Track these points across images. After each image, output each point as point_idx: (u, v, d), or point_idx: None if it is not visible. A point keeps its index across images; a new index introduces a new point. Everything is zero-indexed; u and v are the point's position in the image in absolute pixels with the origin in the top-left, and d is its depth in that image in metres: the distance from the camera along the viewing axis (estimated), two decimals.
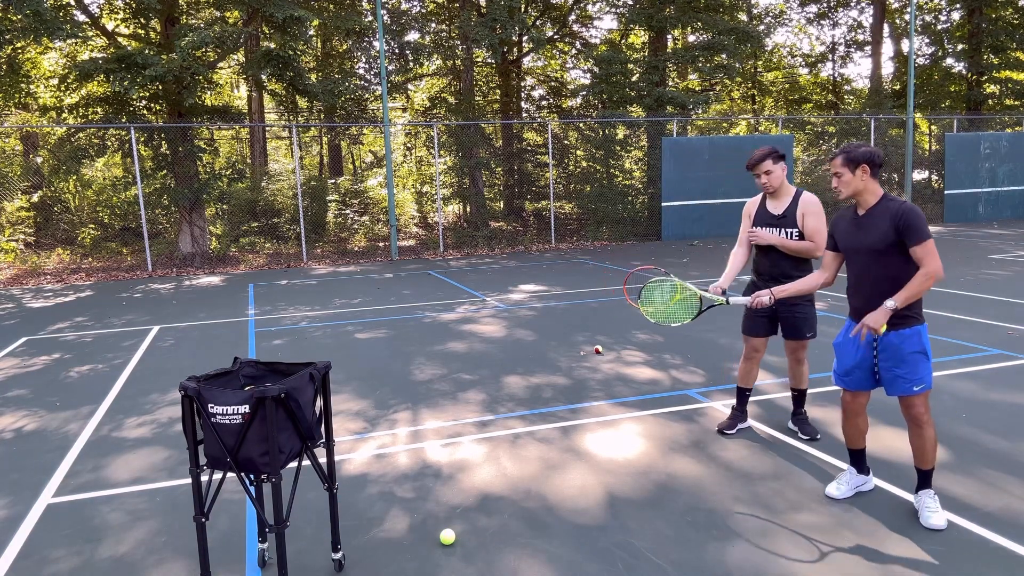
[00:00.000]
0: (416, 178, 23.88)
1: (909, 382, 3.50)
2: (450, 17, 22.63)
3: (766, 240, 4.50)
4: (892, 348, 3.52)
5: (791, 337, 4.60)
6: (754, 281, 4.67)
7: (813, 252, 4.43)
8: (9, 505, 4.09)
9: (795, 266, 4.49)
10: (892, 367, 3.52)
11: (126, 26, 17.17)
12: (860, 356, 3.62)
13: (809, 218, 4.44)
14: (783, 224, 4.49)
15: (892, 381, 3.54)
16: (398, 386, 6.14)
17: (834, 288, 10.07)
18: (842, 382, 3.74)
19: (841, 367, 3.73)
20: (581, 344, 7.41)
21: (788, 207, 4.49)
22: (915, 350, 3.49)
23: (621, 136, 20.24)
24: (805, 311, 4.54)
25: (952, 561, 3.19)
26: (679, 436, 4.79)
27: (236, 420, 2.73)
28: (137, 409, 5.77)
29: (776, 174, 4.49)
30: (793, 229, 4.47)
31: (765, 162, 4.47)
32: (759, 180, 4.53)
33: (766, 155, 4.47)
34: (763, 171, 4.48)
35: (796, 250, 4.45)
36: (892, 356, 3.52)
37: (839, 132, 22.94)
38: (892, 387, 3.55)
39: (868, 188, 3.53)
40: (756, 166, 4.50)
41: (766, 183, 4.50)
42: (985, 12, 24.39)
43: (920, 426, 3.55)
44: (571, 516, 3.73)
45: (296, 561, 3.34)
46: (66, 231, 17.98)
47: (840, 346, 3.73)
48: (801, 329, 4.55)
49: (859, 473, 3.85)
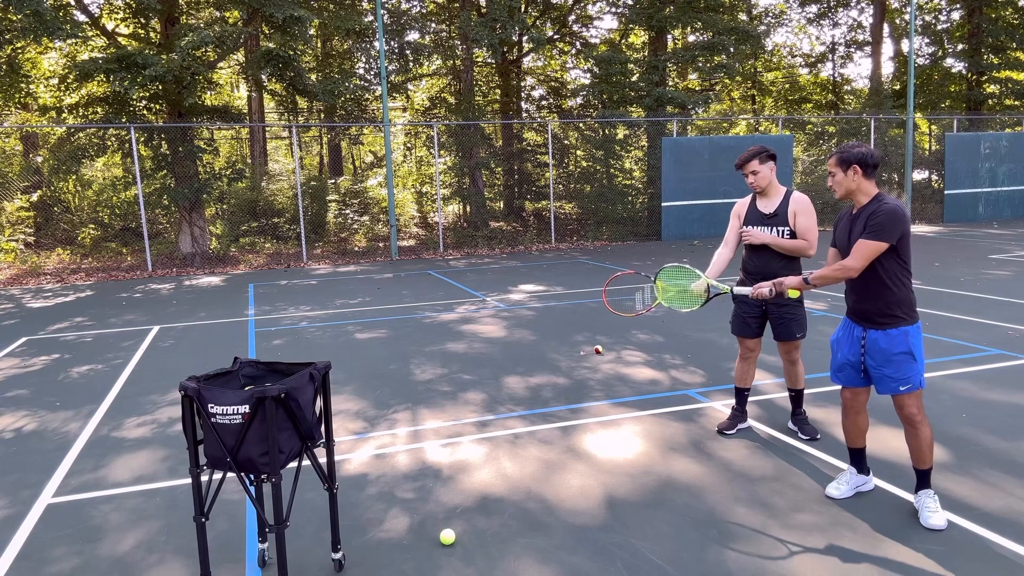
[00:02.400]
0: (416, 178, 23.88)
1: (896, 382, 3.52)
2: (450, 17, 22.63)
3: (759, 239, 4.50)
4: (878, 348, 3.55)
5: (782, 338, 4.60)
6: (742, 280, 4.67)
7: (806, 251, 4.44)
8: (9, 505, 4.09)
9: (785, 265, 4.49)
10: (879, 366, 3.56)
11: (126, 26, 17.17)
12: (849, 353, 3.67)
13: (801, 217, 4.45)
14: (774, 223, 4.51)
15: (880, 380, 3.58)
16: (398, 386, 6.15)
17: (833, 288, 10.06)
18: (835, 378, 3.79)
19: (834, 363, 3.79)
20: (581, 344, 7.42)
21: (779, 206, 4.51)
22: (901, 350, 3.50)
23: (621, 136, 20.24)
24: (795, 311, 4.54)
25: (952, 561, 3.19)
26: (679, 436, 4.79)
27: (236, 420, 2.73)
28: (137, 409, 5.77)
29: (763, 174, 4.50)
30: (784, 227, 4.48)
31: (751, 162, 4.49)
32: (747, 180, 4.55)
33: (753, 155, 4.49)
34: (750, 171, 4.51)
35: (790, 249, 4.46)
36: (878, 355, 3.55)
37: (839, 132, 22.94)
38: (880, 386, 3.59)
39: (861, 188, 3.55)
40: (743, 166, 4.53)
41: (753, 183, 4.53)
42: (985, 12, 24.39)
43: (914, 426, 3.56)
44: (571, 516, 3.73)
45: (296, 561, 3.34)
46: (66, 231, 17.98)
47: (835, 343, 3.79)
48: (791, 329, 4.55)
49: (859, 473, 3.85)
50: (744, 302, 4.63)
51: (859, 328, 3.64)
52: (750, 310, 4.63)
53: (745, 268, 4.70)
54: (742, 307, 4.66)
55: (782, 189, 4.57)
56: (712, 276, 4.49)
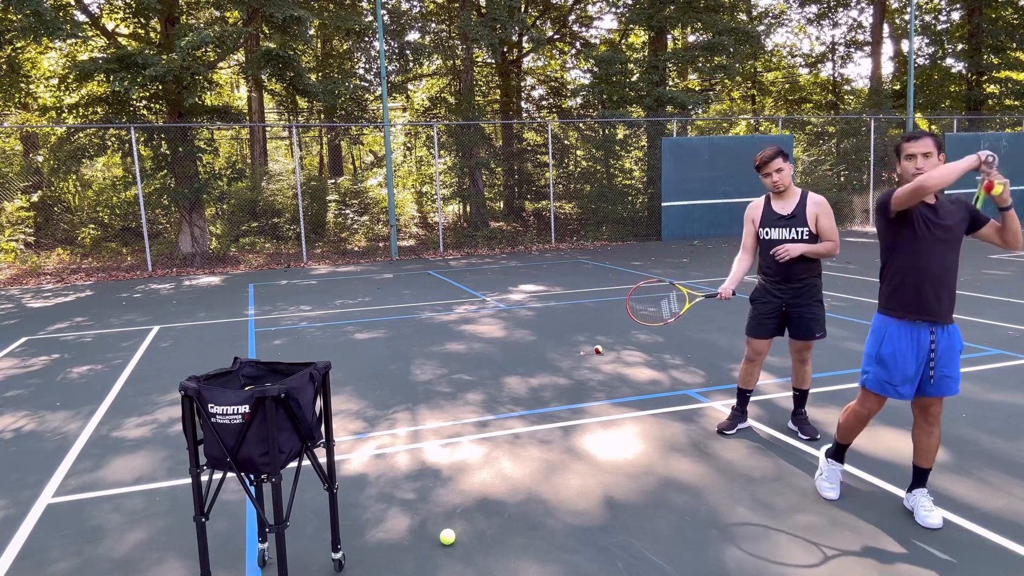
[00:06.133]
0: (416, 178, 23.89)
1: (955, 381, 3.40)
2: (450, 17, 22.63)
3: (795, 253, 4.37)
4: (948, 348, 3.38)
5: (801, 337, 4.54)
6: (763, 283, 4.63)
7: (833, 252, 4.42)
8: (9, 505, 4.09)
9: (806, 266, 4.46)
10: (943, 367, 3.37)
11: (126, 26, 17.18)
12: (918, 364, 3.39)
13: (823, 219, 4.41)
14: (793, 224, 4.44)
15: (940, 382, 3.38)
16: (398, 386, 6.14)
17: (834, 288, 10.06)
18: (896, 392, 3.43)
19: (899, 376, 3.40)
20: (581, 344, 7.41)
21: (797, 206, 4.45)
22: (960, 348, 3.43)
23: (621, 136, 20.24)
24: (815, 311, 4.49)
25: (952, 561, 3.19)
26: (679, 436, 4.79)
27: (236, 420, 2.73)
28: (137, 409, 5.77)
29: (786, 172, 4.44)
30: (804, 228, 4.42)
31: (776, 160, 4.41)
32: (769, 179, 4.45)
33: (777, 153, 4.43)
34: (774, 169, 4.42)
35: (821, 254, 4.41)
36: (946, 356, 3.38)
37: (839, 132, 22.95)
38: (938, 388, 3.39)
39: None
40: (767, 164, 4.43)
41: (777, 181, 4.44)
42: (985, 12, 24.38)
43: (934, 425, 3.49)
44: (571, 516, 3.73)
45: (296, 561, 3.34)
46: (66, 231, 17.99)
47: (894, 355, 3.40)
48: (812, 329, 4.50)
49: (837, 462, 3.83)
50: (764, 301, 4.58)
51: (926, 332, 3.37)
52: (769, 310, 4.56)
53: (764, 272, 4.64)
54: (761, 307, 4.60)
55: (798, 190, 4.52)
56: (731, 287, 4.56)
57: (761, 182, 4.65)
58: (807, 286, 4.49)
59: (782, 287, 4.51)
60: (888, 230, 3.44)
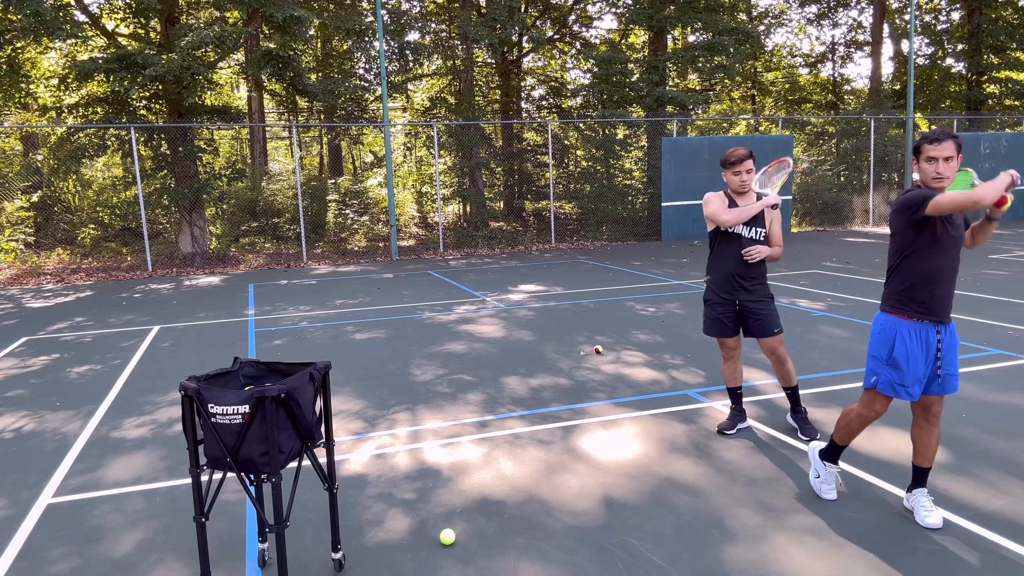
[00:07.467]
0: (416, 178, 23.89)
1: (957, 378, 3.45)
2: (450, 17, 22.64)
3: (761, 256, 4.52)
4: (951, 346, 3.41)
5: (763, 334, 4.58)
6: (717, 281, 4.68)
7: (780, 256, 4.63)
8: (9, 505, 4.09)
9: (761, 267, 4.64)
10: (949, 364, 3.41)
11: (126, 26, 17.18)
12: (928, 363, 3.39)
13: (775, 223, 4.59)
14: (754, 224, 4.55)
15: (945, 380, 3.40)
16: (398, 386, 6.14)
17: (834, 288, 10.06)
18: (906, 394, 3.40)
19: (911, 377, 3.38)
20: (581, 344, 7.41)
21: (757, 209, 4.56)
22: (958, 344, 3.48)
23: (621, 136, 20.24)
24: (768, 306, 4.59)
25: (952, 561, 3.19)
26: (679, 436, 4.79)
27: (236, 420, 2.73)
28: (137, 409, 5.77)
29: (754, 173, 4.56)
30: (763, 230, 4.56)
31: (748, 160, 4.49)
32: (739, 177, 4.50)
33: (749, 154, 4.50)
34: (745, 169, 4.49)
35: (774, 257, 4.59)
36: (949, 353, 3.41)
37: (839, 132, 22.95)
38: (943, 386, 3.41)
39: None
40: (740, 163, 4.47)
41: (746, 181, 4.51)
42: (985, 12, 24.38)
43: (935, 424, 3.51)
44: (571, 516, 3.73)
45: (296, 561, 3.34)
46: (66, 231, 17.99)
47: (907, 356, 3.37)
48: (770, 325, 4.56)
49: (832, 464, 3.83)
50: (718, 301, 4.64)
51: (933, 332, 3.37)
52: (724, 310, 4.64)
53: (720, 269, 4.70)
54: (715, 308, 4.67)
55: (752, 193, 4.61)
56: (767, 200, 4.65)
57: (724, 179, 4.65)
58: (762, 284, 4.64)
59: (745, 285, 4.59)
60: (910, 230, 3.36)
